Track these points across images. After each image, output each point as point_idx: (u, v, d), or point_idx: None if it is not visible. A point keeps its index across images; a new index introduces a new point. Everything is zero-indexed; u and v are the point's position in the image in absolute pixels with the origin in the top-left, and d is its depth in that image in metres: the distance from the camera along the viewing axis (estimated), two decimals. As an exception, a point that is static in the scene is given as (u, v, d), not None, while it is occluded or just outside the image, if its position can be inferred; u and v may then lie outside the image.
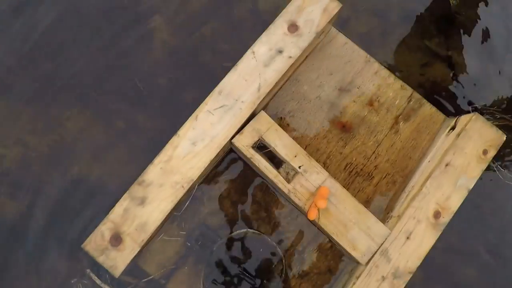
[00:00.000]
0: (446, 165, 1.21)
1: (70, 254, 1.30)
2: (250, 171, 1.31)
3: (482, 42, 1.64)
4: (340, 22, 1.56)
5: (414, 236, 1.18)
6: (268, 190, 1.31)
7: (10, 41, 1.45)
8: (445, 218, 1.20)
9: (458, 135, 1.23)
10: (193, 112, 1.15)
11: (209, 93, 1.17)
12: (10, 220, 1.32)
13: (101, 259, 1.11)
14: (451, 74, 1.60)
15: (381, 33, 1.61)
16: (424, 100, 1.42)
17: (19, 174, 1.36)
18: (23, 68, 1.43)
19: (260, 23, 1.50)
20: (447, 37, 1.64)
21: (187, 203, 1.26)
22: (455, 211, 1.21)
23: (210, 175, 1.30)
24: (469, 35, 1.64)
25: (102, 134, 1.40)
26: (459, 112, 1.56)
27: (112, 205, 1.11)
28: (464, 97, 1.59)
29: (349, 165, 1.35)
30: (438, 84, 1.58)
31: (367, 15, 1.62)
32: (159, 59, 1.47)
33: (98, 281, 1.14)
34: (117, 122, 1.41)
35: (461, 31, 1.65)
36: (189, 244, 1.25)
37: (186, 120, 1.15)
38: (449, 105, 1.57)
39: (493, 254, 1.46)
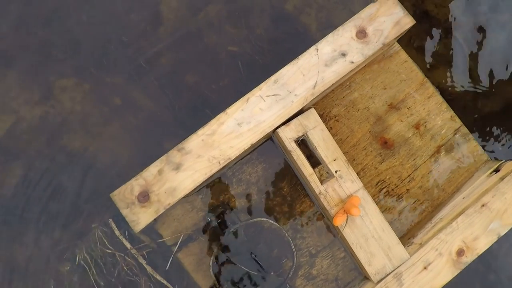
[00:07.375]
0: (482, 205, 1.19)
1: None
2: (284, 164, 1.31)
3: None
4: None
5: (432, 268, 1.16)
6: (296, 187, 1.31)
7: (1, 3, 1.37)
8: (468, 258, 1.17)
9: (502, 179, 1.20)
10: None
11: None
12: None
13: (125, 212, 1.14)
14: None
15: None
16: (471, 136, 1.39)
17: (9, 143, 1.32)
18: (16, 35, 1.35)
19: (268, 9, 1.43)
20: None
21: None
22: (479, 254, 1.18)
23: (244, 159, 1.31)
24: None
25: (97, 109, 1.35)
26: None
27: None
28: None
29: (381, 182, 1.33)
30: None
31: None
32: (163, 36, 1.39)
33: (117, 232, 1.17)
34: (114, 98, 1.37)
35: None
36: (209, 219, 1.27)
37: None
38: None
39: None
